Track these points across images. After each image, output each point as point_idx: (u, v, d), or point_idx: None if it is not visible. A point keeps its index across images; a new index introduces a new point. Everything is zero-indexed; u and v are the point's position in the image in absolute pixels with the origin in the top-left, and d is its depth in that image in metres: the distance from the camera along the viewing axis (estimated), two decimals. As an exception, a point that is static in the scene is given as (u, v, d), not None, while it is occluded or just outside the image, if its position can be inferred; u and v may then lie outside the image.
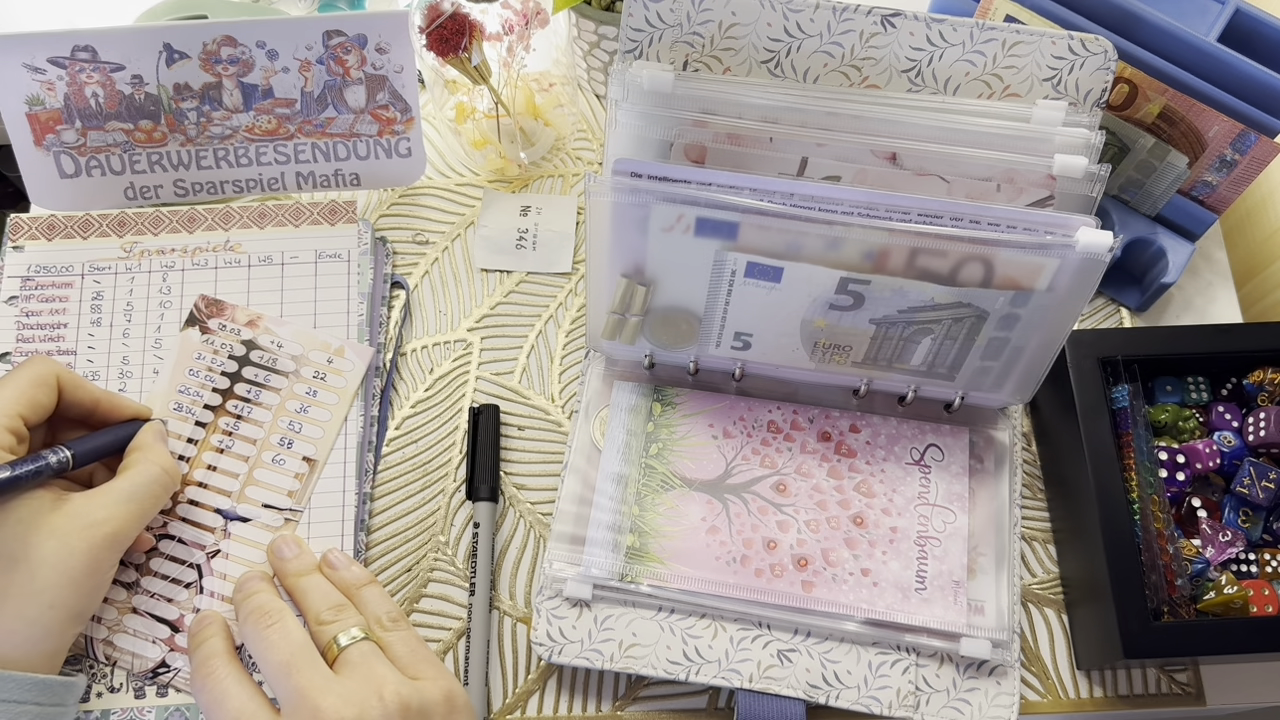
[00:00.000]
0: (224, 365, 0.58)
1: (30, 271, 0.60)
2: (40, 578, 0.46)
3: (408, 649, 0.47)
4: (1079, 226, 0.46)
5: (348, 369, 0.58)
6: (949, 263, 0.48)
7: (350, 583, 0.51)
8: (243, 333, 0.59)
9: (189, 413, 0.57)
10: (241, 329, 0.59)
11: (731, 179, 0.47)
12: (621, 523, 0.54)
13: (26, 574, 0.46)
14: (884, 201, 0.47)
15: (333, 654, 0.46)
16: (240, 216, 0.62)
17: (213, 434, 0.56)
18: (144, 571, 0.53)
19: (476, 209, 0.66)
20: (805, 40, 0.52)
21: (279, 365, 0.58)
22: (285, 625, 0.47)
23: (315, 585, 0.50)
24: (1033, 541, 0.58)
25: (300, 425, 0.57)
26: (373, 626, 0.48)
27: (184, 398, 0.57)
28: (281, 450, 0.56)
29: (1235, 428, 0.55)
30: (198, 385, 0.57)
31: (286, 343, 0.58)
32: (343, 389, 0.58)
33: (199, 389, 0.57)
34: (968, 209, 0.46)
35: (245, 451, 0.56)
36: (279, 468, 0.56)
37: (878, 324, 0.52)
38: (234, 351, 0.58)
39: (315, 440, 0.57)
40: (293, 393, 0.57)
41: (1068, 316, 0.50)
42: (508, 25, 0.61)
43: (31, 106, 0.60)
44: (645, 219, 0.48)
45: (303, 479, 0.56)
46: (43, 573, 0.46)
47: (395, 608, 0.50)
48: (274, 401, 0.57)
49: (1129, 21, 0.58)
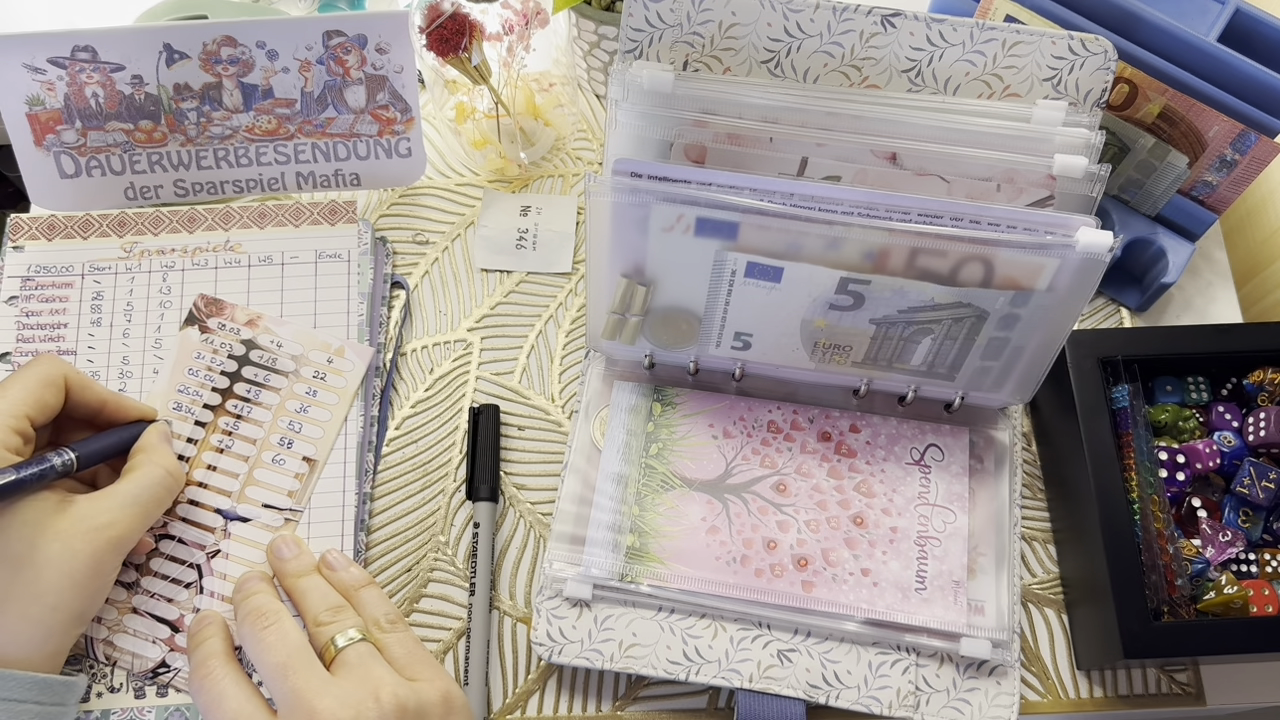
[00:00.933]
0: (224, 365, 0.58)
1: (30, 271, 0.60)
2: (44, 580, 0.46)
3: (405, 650, 0.47)
4: (1079, 226, 0.46)
5: (348, 369, 0.58)
6: (949, 263, 0.48)
7: (349, 584, 0.51)
8: (242, 332, 0.59)
9: (189, 412, 0.57)
10: (241, 328, 0.59)
11: (731, 179, 0.47)
12: (621, 523, 0.54)
13: (31, 576, 0.46)
14: (884, 201, 0.47)
15: (330, 655, 0.46)
16: (240, 216, 0.62)
17: (212, 433, 0.56)
18: (144, 571, 0.53)
19: (476, 209, 0.66)
20: (805, 40, 0.52)
21: (279, 365, 0.58)
22: (282, 626, 0.47)
23: (314, 586, 0.50)
24: (1033, 541, 0.58)
25: (300, 425, 0.57)
26: (370, 628, 0.48)
27: (183, 397, 0.57)
28: (281, 450, 0.56)
29: (1235, 428, 0.55)
30: (197, 385, 0.57)
31: (286, 342, 0.58)
32: (343, 389, 0.58)
33: (198, 388, 0.57)
34: (968, 209, 0.46)
35: (245, 451, 0.56)
36: (279, 467, 0.56)
37: (878, 324, 0.52)
38: (234, 351, 0.58)
39: (315, 440, 0.57)
40: (293, 392, 0.57)
41: (1068, 316, 0.50)
42: (508, 25, 0.61)
43: (32, 107, 0.60)
44: (645, 219, 0.48)
45: (303, 479, 0.56)
46: (47, 575, 0.46)
47: (393, 609, 0.50)
48: (274, 401, 0.57)
49: (1129, 21, 0.58)
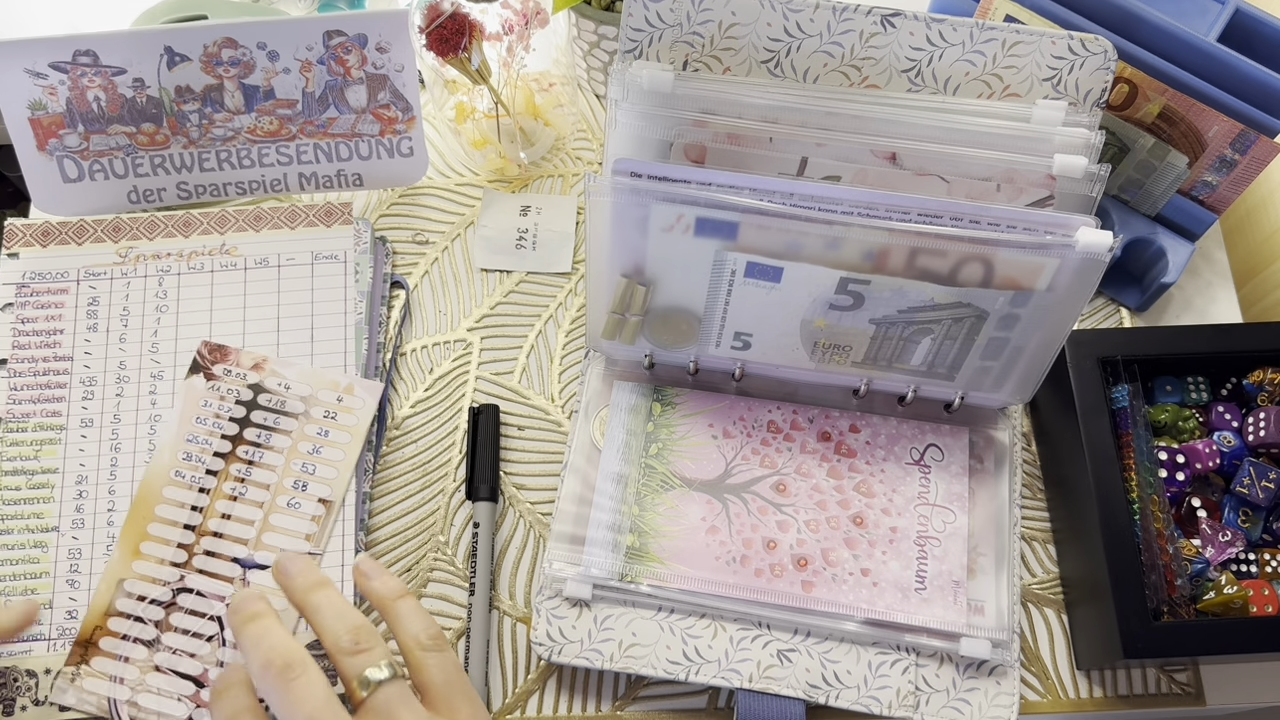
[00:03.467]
0: (232, 411, 0.57)
1: (25, 278, 0.60)
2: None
3: (444, 677, 0.43)
4: (1079, 226, 0.46)
5: (358, 406, 0.57)
6: (949, 263, 0.48)
7: (384, 595, 0.46)
8: (249, 376, 0.57)
9: (199, 461, 0.55)
10: (247, 373, 0.58)
11: (731, 179, 0.47)
12: (621, 522, 0.54)
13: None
14: (884, 201, 0.47)
15: (357, 696, 0.42)
16: (236, 220, 0.62)
17: (225, 481, 0.55)
18: (164, 628, 0.52)
19: (476, 209, 0.66)
20: (805, 40, 0.52)
21: (288, 407, 0.57)
22: (309, 678, 0.42)
23: (329, 603, 0.45)
24: (1033, 541, 0.58)
25: (314, 467, 0.56)
26: (409, 646, 0.44)
27: (193, 446, 0.56)
28: (296, 494, 0.55)
29: (1235, 428, 0.55)
30: (206, 433, 0.56)
31: (294, 384, 0.57)
32: (354, 426, 0.57)
33: (208, 436, 0.56)
34: (968, 209, 0.47)
35: (259, 497, 0.55)
36: (295, 511, 0.55)
37: (877, 324, 0.52)
38: (241, 396, 0.57)
39: (330, 481, 0.55)
40: (304, 434, 0.56)
41: (1068, 316, 0.50)
42: (507, 25, 0.61)
43: (34, 111, 0.60)
44: (645, 219, 0.48)
45: (320, 521, 0.55)
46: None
47: (433, 624, 0.45)
48: (285, 444, 0.56)
49: (1129, 21, 0.58)
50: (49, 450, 0.56)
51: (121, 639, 0.52)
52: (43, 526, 0.54)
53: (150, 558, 0.54)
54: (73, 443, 0.56)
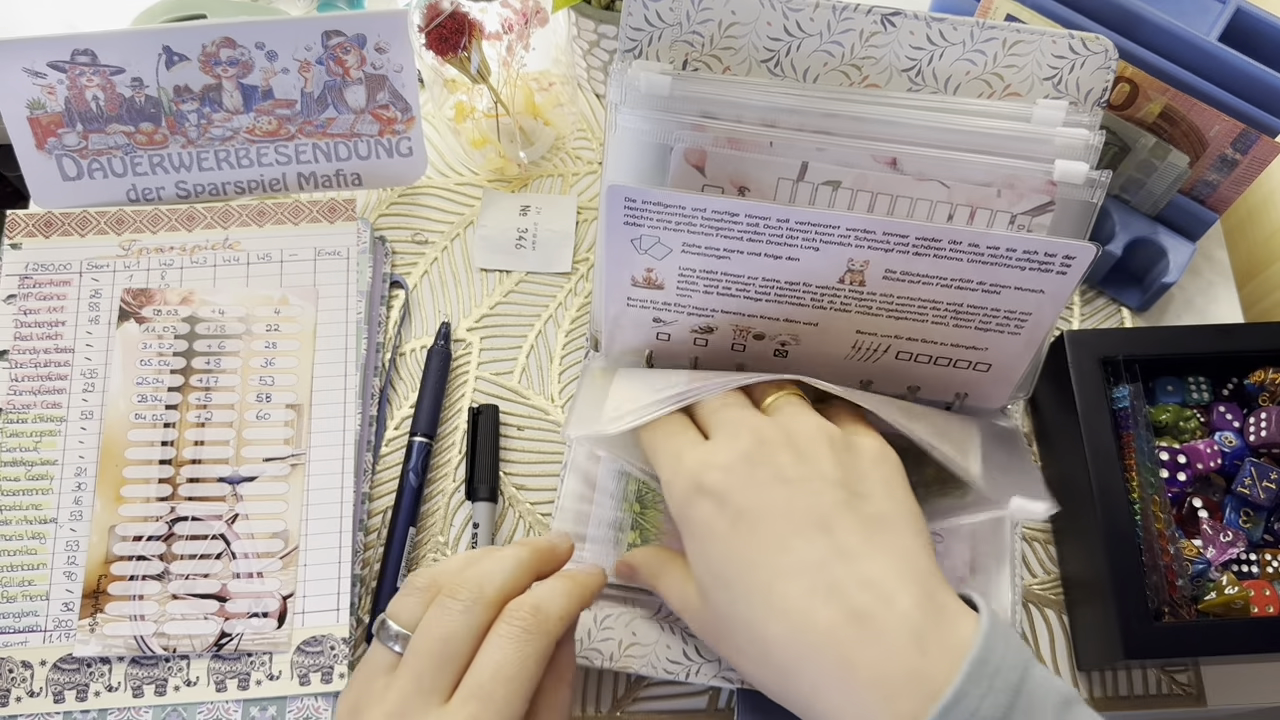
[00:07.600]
0: (174, 345, 0.58)
1: (28, 269, 0.60)
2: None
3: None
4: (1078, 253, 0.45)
5: (298, 313, 0.59)
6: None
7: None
8: (179, 311, 0.59)
9: (155, 400, 0.57)
10: (177, 308, 0.59)
11: (727, 204, 0.47)
12: (623, 520, 0.54)
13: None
14: (881, 226, 0.46)
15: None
16: (239, 215, 0.62)
17: (187, 412, 0.56)
18: (169, 558, 0.53)
19: (476, 209, 0.66)
20: (805, 39, 0.52)
21: (228, 330, 0.58)
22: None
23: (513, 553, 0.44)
24: (1033, 541, 0.57)
25: (272, 378, 0.57)
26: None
27: (144, 388, 0.57)
28: (262, 405, 0.57)
29: (1236, 428, 0.55)
30: (154, 374, 0.57)
31: (228, 308, 0.59)
32: (300, 332, 0.58)
33: (156, 376, 0.57)
34: (965, 234, 0.46)
35: (226, 418, 0.56)
36: (265, 422, 0.56)
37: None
38: (178, 331, 0.58)
39: (291, 387, 0.57)
40: (252, 350, 0.58)
41: (1051, 315, 0.49)
42: (507, 24, 0.61)
43: (33, 110, 0.60)
44: (639, 239, 0.48)
45: (294, 424, 0.56)
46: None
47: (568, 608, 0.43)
48: (236, 365, 0.57)
49: (1130, 21, 0.58)
50: (49, 442, 0.56)
51: (130, 580, 0.53)
52: (41, 518, 0.55)
53: (134, 499, 0.55)
54: (72, 435, 0.56)
